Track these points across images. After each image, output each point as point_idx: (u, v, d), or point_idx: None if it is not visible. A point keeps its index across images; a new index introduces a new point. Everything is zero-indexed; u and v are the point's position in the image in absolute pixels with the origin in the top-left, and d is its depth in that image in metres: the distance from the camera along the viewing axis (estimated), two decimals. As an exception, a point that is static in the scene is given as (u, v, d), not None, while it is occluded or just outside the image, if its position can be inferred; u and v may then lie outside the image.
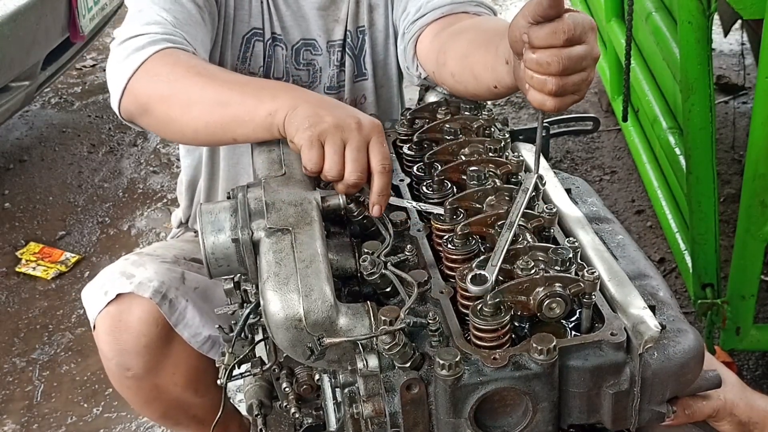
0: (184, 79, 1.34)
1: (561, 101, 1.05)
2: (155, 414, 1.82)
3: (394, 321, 0.97)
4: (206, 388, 1.77)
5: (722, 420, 1.15)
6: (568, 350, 0.97)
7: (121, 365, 1.63)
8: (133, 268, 1.60)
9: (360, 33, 1.72)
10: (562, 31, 1.00)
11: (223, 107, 1.31)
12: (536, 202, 1.18)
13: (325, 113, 1.22)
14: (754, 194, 1.92)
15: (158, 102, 1.36)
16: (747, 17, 1.82)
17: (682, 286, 2.78)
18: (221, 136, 1.35)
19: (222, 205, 1.18)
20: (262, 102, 1.28)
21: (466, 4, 1.55)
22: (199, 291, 1.65)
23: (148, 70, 1.36)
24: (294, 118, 1.23)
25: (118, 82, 1.39)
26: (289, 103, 1.26)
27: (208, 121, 1.32)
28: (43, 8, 3.29)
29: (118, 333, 1.58)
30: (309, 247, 1.09)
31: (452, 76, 1.44)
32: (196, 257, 1.73)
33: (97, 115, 4.40)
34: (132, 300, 1.56)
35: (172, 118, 1.36)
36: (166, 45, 1.38)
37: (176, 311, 1.60)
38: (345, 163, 1.19)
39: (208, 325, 1.65)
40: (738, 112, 3.76)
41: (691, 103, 1.92)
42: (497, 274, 0.99)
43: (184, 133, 1.39)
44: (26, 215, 3.56)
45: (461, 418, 0.96)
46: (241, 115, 1.29)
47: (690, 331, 1.02)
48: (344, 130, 1.20)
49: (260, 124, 1.28)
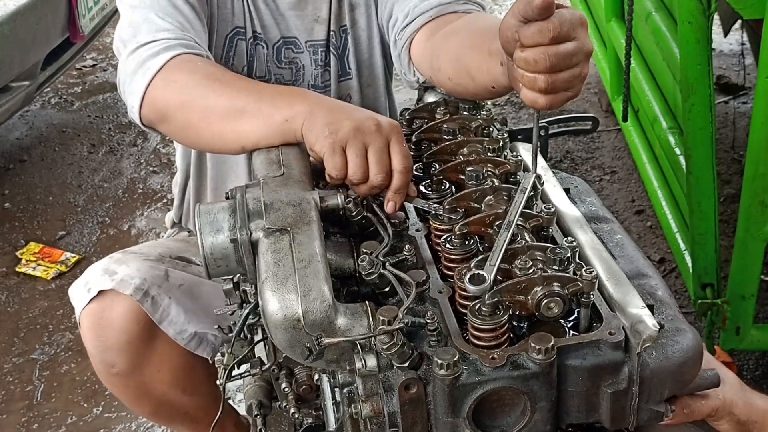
0: (202, 85, 1.36)
1: (553, 98, 1.05)
2: (145, 411, 1.82)
3: (392, 321, 0.97)
4: (194, 387, 1.77)
5: (721, 419, 1.15)
6: (566, 350, 0.97)
7: (105, 362, 1.64)
8: (116, 265, 1.61)
9: (343, 32, 1.73)
10: (547, 29, 1.00)
11: (240, 114, 1.32)
12: (535, 201, 1.18)
13: (343, 117, 1.22)
14: (754, 194, 1.92)
15: (177, 109, 1.37)
16: (747, 17, 1.82)
17: (682, 286, 2.78)
18: (231, 144, 1.36)
19: (220, 206, 1.18)
20: (278, 109, 1.29)
21: (453, 4, 1.54)
22: (184, 288, 1.66)
23: (166, 77, 1.37)
24: (313, 126, 1.24)
25: (136, 90, 1.40)
26: (305, 109, 1.26)
27: (223, 128, 1.34)
28: (43, 8, 3.29)
29: (100, 329, 1.59)
30: (307, 247, 1.09)
31: (450, 80, 1.44)
32: (183, 255, 1.74)
33: (97, 115, 4.41)
34: (114, 297, 1.57)
35: (190, 124, 1.37)
36: (181, 51, 1.40)
37: (159, 308, 1.60)
38: (369, 165, 1.19)
39: (194, 322, 1.66)
40: (738, 112, 3.76)
41: (691, 103, 1.92)
42: (495, 273, 0.99)
43: (201, 139, 1.40)
44: (26, 215, 3.56)
45: (459, 417, 0.96)
46: (257, 120, 1.31)
47: (688, 330, 1.02)
48: (365, 133, 1.20)
49: (277, 130, 1.29)
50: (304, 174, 1.27)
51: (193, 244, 1.81)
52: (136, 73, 1.40)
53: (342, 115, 1.23)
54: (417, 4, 1.55)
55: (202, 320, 1.66)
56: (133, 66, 1.41)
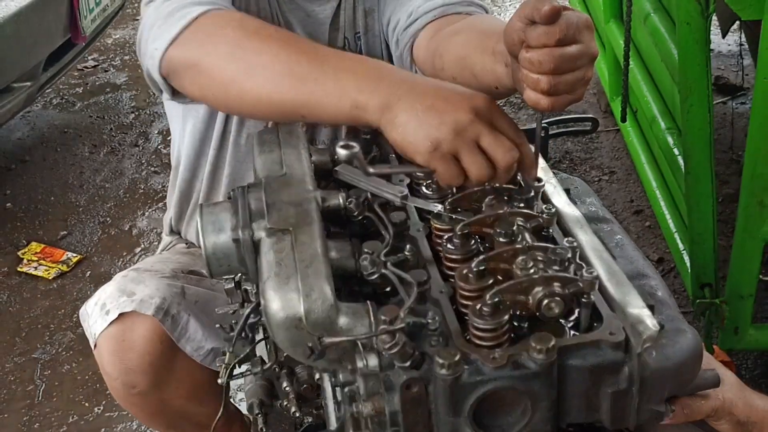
0: (253, 37, 1.20)
1: (555, 100, 1.05)
2: (161, 426, 1.81)
3: (393, 320, 0.98)
4: (210, 398, 1.75)
5: (721, 419, 1.15)
6: (566, 350, 0.98)
7: (126, 384, 1.60)
8: (133, 285, 1.57)
9: (357, 39, 1.71)
10: (554, 32, 1.01)
11: (299, 82, 1.16)
12: (535, 202, 1.19)
13: (434, 118, 1.07)
14: (753, 194, 1.92)
15: (217, 58, 1.21)
16: (745, 18, 1.83)
17: (680, 286, 2.78)
18: (289, 113, 1.21)
19: (223, 206, 1.19)
20: (345, 90, 1.13)
21: (457, 5, 1.53)
22: (199, 304, 1.64)
23: (210, 22, 1.24)
24: (404, 132, 1.08)
25: (165, 34, 1.25)
26: (379, 100, 1.11)
27: (276, 93, 1.18)
28: (44, 9, 3.29)
29: (122, 353, 1.56)
30: (309, 247, 1.09)
31: (454, 79, 1.43)
32: (194, 269, 1.71)
33: (98, 115, 4.41)
34: (135, 318, 1.54)
35: (232, 78, 1.20)
36: (225, 4, 1.30)
37: (179, 326, 1.58)
38: (491, 155, 1.08)
39: (211, 338, 1.64)
40: (736, 113, 3.77)
41: (689, 104, 1.92)
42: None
43: (243, 99, 1.22)
44: (28, 215, 3.57)
45: (460, 417, 0.97)
46: (318, 98, 1.15)
47: (688, 330, 1.02)
48: (467, 130, 1.07)
49: (345, 114, 1.14)
50: (307, 174, 1.27)
51: (198, 257, 1.76)
52: (172, 15, 1.26)
53: (432, 115, 1.07)
54: (420, 4, 1.54)
55: (217, 334, 1.62)
56: (169, 10, 1.26)
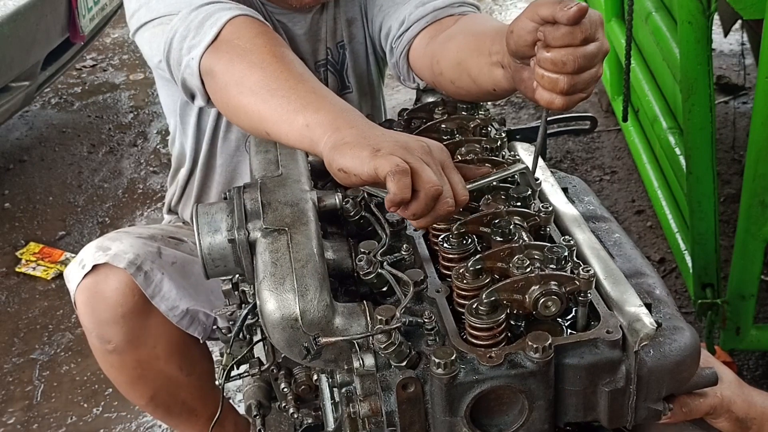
0: (258, 51, 1.26)
1: (570, 99, 1.06)
2: (144, 398, 1.82)
3: (390, 320, 0.97)
4: (191, 365, 1.78)
5: (719, 417, 1.15)
6: (563, 348, 0.97)
7: (101, 337, 1.65)
8: (110, 242, 1.63)
9: (340, 48, 1.72)
10: (579, 30, 1.01)
11: (269, 95, 1.20)
12: (532, 200, 1.18)
13: (381, 137, 1.04)
14: (754, 194, 1.91)
15: (224, 66, 1.28)
16: (747, 17, 1.82)
17: (682, 286, 2.78)
18: (257, 127, 1.25)
19: (218, 206, 1.19)
20: (305, 107, 1.15)
21: (449, 8, 1.52)
22: (176, 266, 1.67)
23: (232, 31, 1.29)
24: (347, 148, 1.02)
25: (205, 38, 1.30)
26: (330, 122, 1.10)
27: (251, 104, 1.23)
28: (43, 8, 3.29)
29: (95, 303, 1.61)
30: (305, 246, 1.09)
31: (452, 83, 1.43)
32: (175, 235, 1.75)
33: (97, 115, 4.41)
34: (108, 270, 1.59)
35: (227, 86, 1.27)
36: (247, 12, 1.33)
37: (152, 283, 1.62)
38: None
39: (186, 299, 1.67)
40: (738, 112, 3.76)
41: (691, 103, 1.92)
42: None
43: (229, 107, 1.29)
44: (26, 215, 3.56)
45: (457, 416, 0.96)
46: (278, 114, 1.18)
47: (686, 328, 1.02)
48: (414, 149, 1.01)
49: (297, 134, 1.14)
50: (303, 174, 1.27)
51: (186, 228, 1.82)
52: (204, 24, 1.32)
53: (379, 135, 1.05)
54: (412, 11, 1.53)
55: (193, 297, 1.67)
56: (201, 18, 1.32)
